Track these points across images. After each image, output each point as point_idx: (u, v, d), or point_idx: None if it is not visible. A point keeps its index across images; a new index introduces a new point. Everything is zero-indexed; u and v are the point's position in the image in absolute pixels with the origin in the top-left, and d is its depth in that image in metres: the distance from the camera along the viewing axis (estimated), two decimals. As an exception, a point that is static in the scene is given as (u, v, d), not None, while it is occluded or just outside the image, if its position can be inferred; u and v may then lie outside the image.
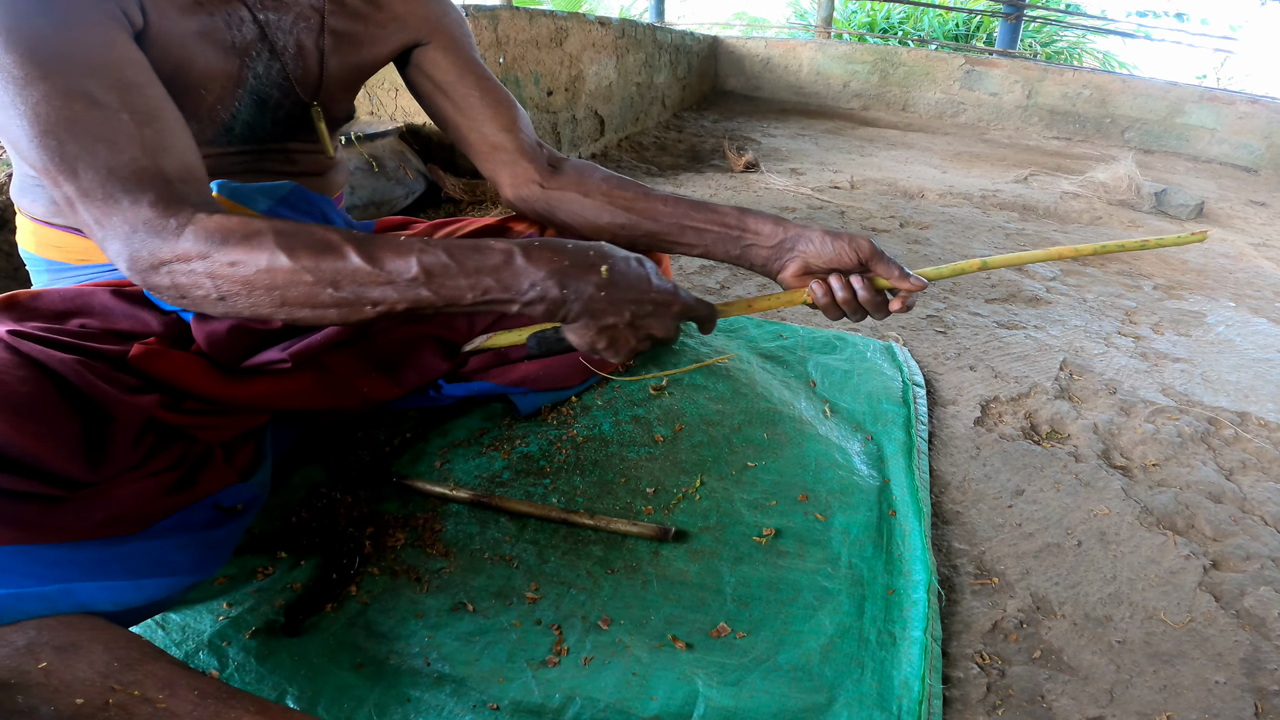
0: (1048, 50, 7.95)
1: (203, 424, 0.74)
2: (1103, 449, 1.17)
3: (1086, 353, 1.48)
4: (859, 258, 0.78)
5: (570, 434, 1.04)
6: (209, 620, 0.72)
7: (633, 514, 0.92)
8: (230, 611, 0.73)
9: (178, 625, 0.72)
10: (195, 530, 0.66)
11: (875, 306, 0.78)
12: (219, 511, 0.70)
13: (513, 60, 2.54)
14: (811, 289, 0.80)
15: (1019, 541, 0.95)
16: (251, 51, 0.74)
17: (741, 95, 5.29)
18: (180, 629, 0.72)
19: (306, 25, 0.78)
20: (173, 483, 0.66)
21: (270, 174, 0.83)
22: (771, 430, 1.06)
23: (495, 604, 0.78)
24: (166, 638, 0.70)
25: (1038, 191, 2.94)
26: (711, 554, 0.86)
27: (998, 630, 0.80)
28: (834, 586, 0.82)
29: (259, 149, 0.81)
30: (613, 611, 0.78)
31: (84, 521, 0.57)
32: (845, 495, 0.97)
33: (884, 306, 0.79)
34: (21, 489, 0.55)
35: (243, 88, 0.75)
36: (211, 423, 0.75)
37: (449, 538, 0.86)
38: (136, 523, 0.61)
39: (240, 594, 0.76)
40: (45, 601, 0.54)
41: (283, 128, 0.82)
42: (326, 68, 0.81)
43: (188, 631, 0.72)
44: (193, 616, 0.73)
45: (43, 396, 0.60)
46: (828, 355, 1.29)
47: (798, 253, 0.83)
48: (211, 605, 0.74)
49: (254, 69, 0.75)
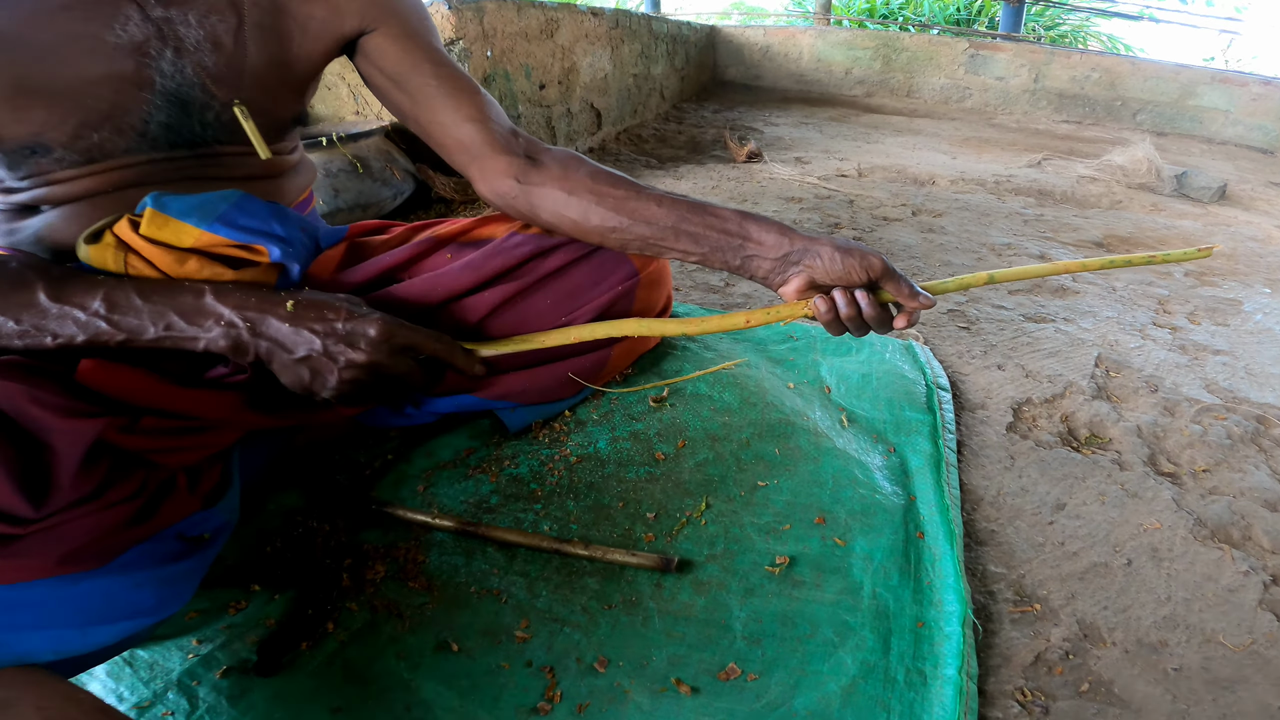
0: (1051, 34, 7.82)
1: (162, 446, 0.68)
2: (1148, 454, 1.07)
3: (1122, 347, 1.38)
4: (869, 276, 0.74)
5: (563, 453, 0.95)
6: (178, 658, 0.68)
7: (632, 542, 0.84)
8: (201, 649, 0.69)
9: (146, 663, 0.68)
10: (157, 564, 0.61)
11: (880, 322, 0.75)
12: (184, 542, 0.65)
13: (501, 53, 2.46)
14: (814, 304, 0.75)
15: (1062, 562, 0.86)
16: (149, 51, 0.69)
17: (741, 85, 5.20)
18: (149, 666, 0.68)
19: (221, 18, 0.73)
20: (132, 514, 0.61)
21: (214, 180, 0.78)
22: (784, 445, 0.97)
23: (482, 643, 0.71)
24: (134, 676, 0.66)
25: (1053, 176, 2.83)
26: (719, 586, 0.78)
27: (1041, 662, 0.73)
28: (856, 620, 0.74)
29: (195, 154, 0.77)
30: (610, 651, 0.71)
31: (36, 559, 0.53)
32: (867, 516, 0.87)
33: (889, 322, 0.75)
34: None
35: (150, 90, 0.70)
36: (172, 444, 0.69)
37: (432, 570, 0.79)
38: (93, 558, 0.57)
39: (211, 630, 0.71)
40: None
41: (217, 130, 0.76)
42: (249, 64, 0.75)
43: (156, 670, 0.67)
44: (161, 654, 0.69)
45: None
46: (843, 357, 1.19)
47: (803, 267, 0.77)
48: (181, 641, 0.70)
49: (158, 69, 0.70)
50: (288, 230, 0.77)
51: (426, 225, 1.02)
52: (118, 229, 0.68)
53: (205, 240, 0.69)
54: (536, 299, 0.92)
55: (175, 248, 0.68)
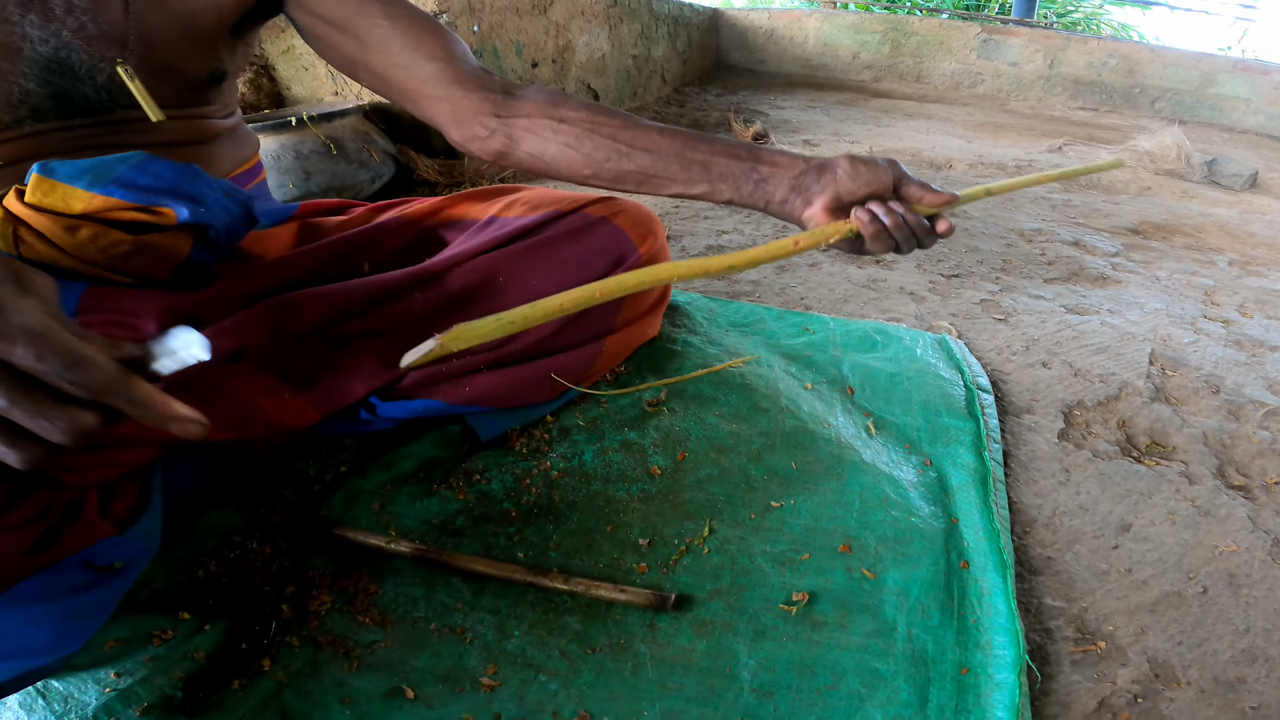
0: (1064, 20, 7.70)
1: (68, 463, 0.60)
2: (1217, 465, 0.95)
3: (1175, 342, 1.24)
4: (893, 179, 0.69)
5: (543, 466, 0.82)
6: (94, 691, 0.61)
7: (621, 574, 0.72)
8: (119, 682, 0.61)
9: (60, 695, 0.61)
10: (58, 597, 0.55)
11: (924, 231, 0.69)
12: (91, 571, 0.58)
13: (489, 29, 2.33)
14: (857, 216, 0.68)
15: (1130, 592, 0.75)
16: (9, 18, 0.63)
17: (745, 69, 5.07)
18: (63, 699, 0.61)
19: None
20: (31, 540, 0.54)
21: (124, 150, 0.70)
22: (801, 457, 0.83)
23: (442, 690, 0.62)
24: (47, 709, 0.59)
25: (1074, 161, 2.70)
26: (724, 627, 0.67)
27: (1105, 708, 0.64)
28: (888, 668, 0.64)
29: (97, 122, 0.70)
30: (593, 704, 0.61)
31: None
32: (901, 544, 0.75)
33: (932, 231, 0.70)
34: None
35: (17, 59, 0.64)
36: (80, 461, 0.61)
37: (386, 602, 0.69)
38: None
39: (133, 661, 0.63)
40: None
41: (115, 95, 0.69)
42: (137, 20, 0.68)
43: (70, 703, 0.60)
44: (77, 685, 0.62)
45: None
46: (867, 354, 1.05)
47: (825, 182, 0.69)
48: (99, 674, 0.62)
49: (24, 35, 0.64)
50: (200, 190, 0.67)
51: (390, 205, 0.93)
52: (6, 201, 0.62)
53: (98, 204, 0.62)
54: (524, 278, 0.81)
55: (65, 215, 0.62)
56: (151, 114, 0.70)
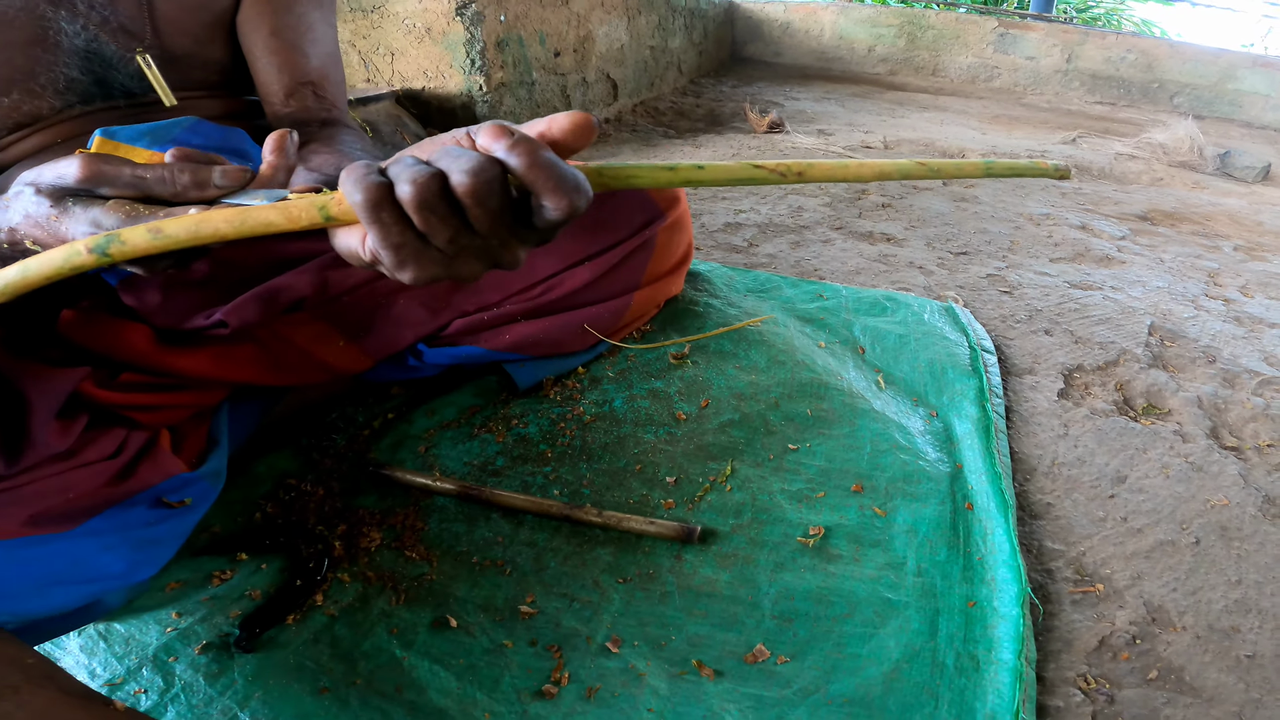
0: (1084, 15, 7.63)
1: (143, 402, 0.65)
2: (1210, 426, 0.99)
3: (1175, 316, 1.28)
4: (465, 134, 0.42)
5: (576, 412, 0.88)
6: (155, 632, 0.63)
7: (649, 509, 0.77)
8: (179, 622, 0.64)
9: (121, 637, 0.64)
10: (132, 528, 0.58)
11: (507, 207, 0.37)
12: (162, 507, 0.61)
13: (515, 19, 2.38)
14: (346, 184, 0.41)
15: (1126, 539, 0.79)
16: (43, 13, 0.66)
17: (760, 62, 5.08)
18: (124, 641, 0.63)
19: None
20: (110, 474, 0.58)
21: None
22: (816, 405, 0.89)
23: (483, 619, 0.65)
24: (108, 651, 0.62)
25: (1089, 153, 2.72)
26: (745, 559, 0.71)
27: (1105, 647, 0.67)
28: (900, 599, 0.68)
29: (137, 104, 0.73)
30: (624, 630, 0.65)
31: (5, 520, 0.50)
32: (909, 484, 0.80)
33: (529, 213, 0.37)
34: None
35: (55, 51, 0.67)
36: (153, 401, 0.66)
37: (431, 537, 0.73)
38: (64, 519, 0.53)
39: (192, 602, 0.66)
40: None
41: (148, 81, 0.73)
42: (158, 10, 0.72)
43: (131, 645, 0.63)
44: (138, 627, 0.64)
45: None
46: (877, 318, 1.10)
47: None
48: (160, 614, 0.65)
49: (59, 28, 0.67)
50: (245, 149, 0.73)
51: None
52: None
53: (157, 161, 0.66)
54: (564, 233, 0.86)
55: None
56: (165, 99, 0.74)
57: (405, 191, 0.34)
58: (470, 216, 0.35)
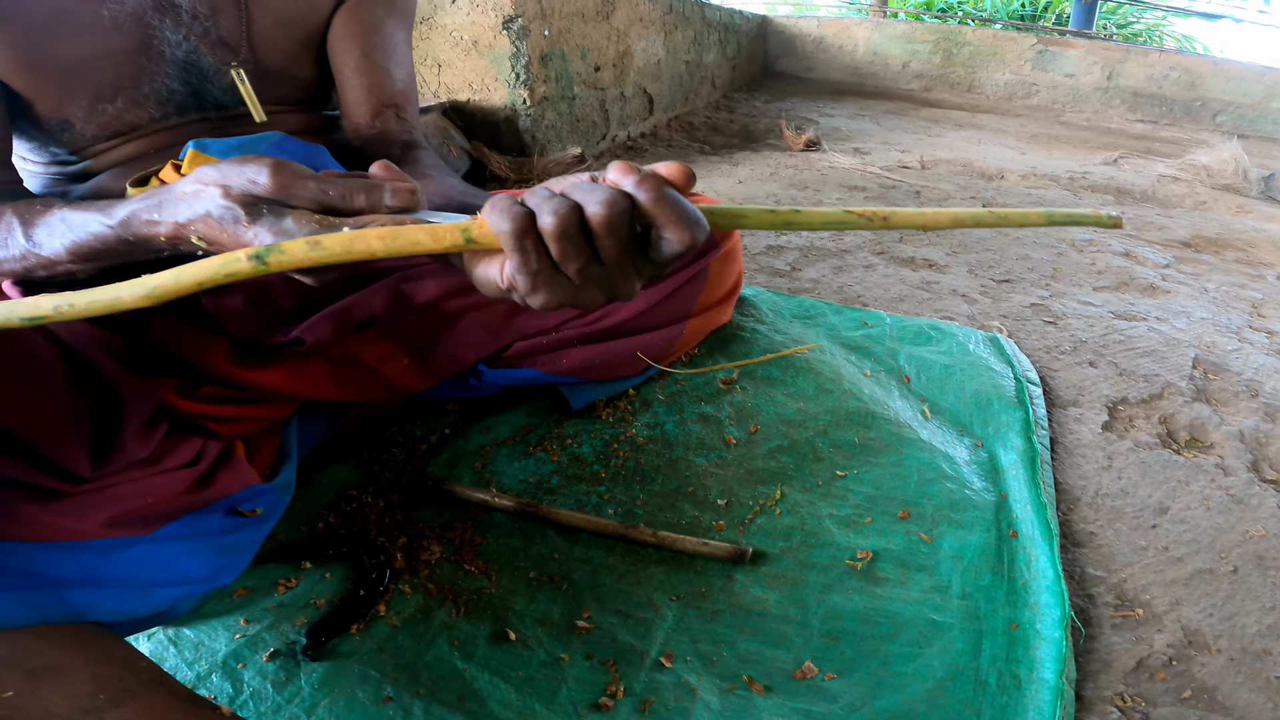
0: (1124, 32, 7.54)
1: (221, 414, 0.68)
2: (1251, 460, 1.00)
3: (1219, 349, 1.28)
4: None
5: (628, 434, 0.91)
6: (224, 638, 0.66)
7: (700, 530, 0.79)
8: (248, 629, 0.66)
9: (191, 642, 0.66)
10: (210, 535, 0.60)
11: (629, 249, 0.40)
12: (236, 516, 0.63)
13: (558, 33, 2.42)
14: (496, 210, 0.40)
15: (1166, 567, 0.81)
16: (150, 21, 0.68)
17: (792, 76, 5.09)
18: (194, 647, 0.65)
19: None
20: (190, 481, 0.60)
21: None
22: (863, 434, 0.91)
23: (541, 633, 0.67)
24: (179, 656, 0.64)
25: (1131, 174, 2.69)
26: (794, 580, 0.73)
27: (1143, 668, 0.69)
28: (944, 620, 0.69)
29: (227, 116, 0.75)
30: (677, 646, 0.67)
31: (85, 521, 0.51)
32: (955, 512, 0.82)
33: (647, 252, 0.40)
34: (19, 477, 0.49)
35: (159, 60, 0.69)
36: (230, 413, 0.69)
37: (489, 552, 0.76)
38: (144, 523, 0.55)
39: (259, 609, 0.69)
40: (31, 608, 0.46)
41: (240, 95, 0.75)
42: (255, 26, 0.73)
43: (201, 650, 0.65)
44: (208, 633, 0.66)
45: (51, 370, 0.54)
46: (922, 347, 1.12)
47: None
48: (229, 620, 0.67)
49: (164, 38, 0.69)
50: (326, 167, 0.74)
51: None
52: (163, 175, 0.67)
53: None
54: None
55: None
56: (256, 115, 0.76)
57: (548, 222, 0.37)
58: (600, 246, 0.38)
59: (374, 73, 0.80)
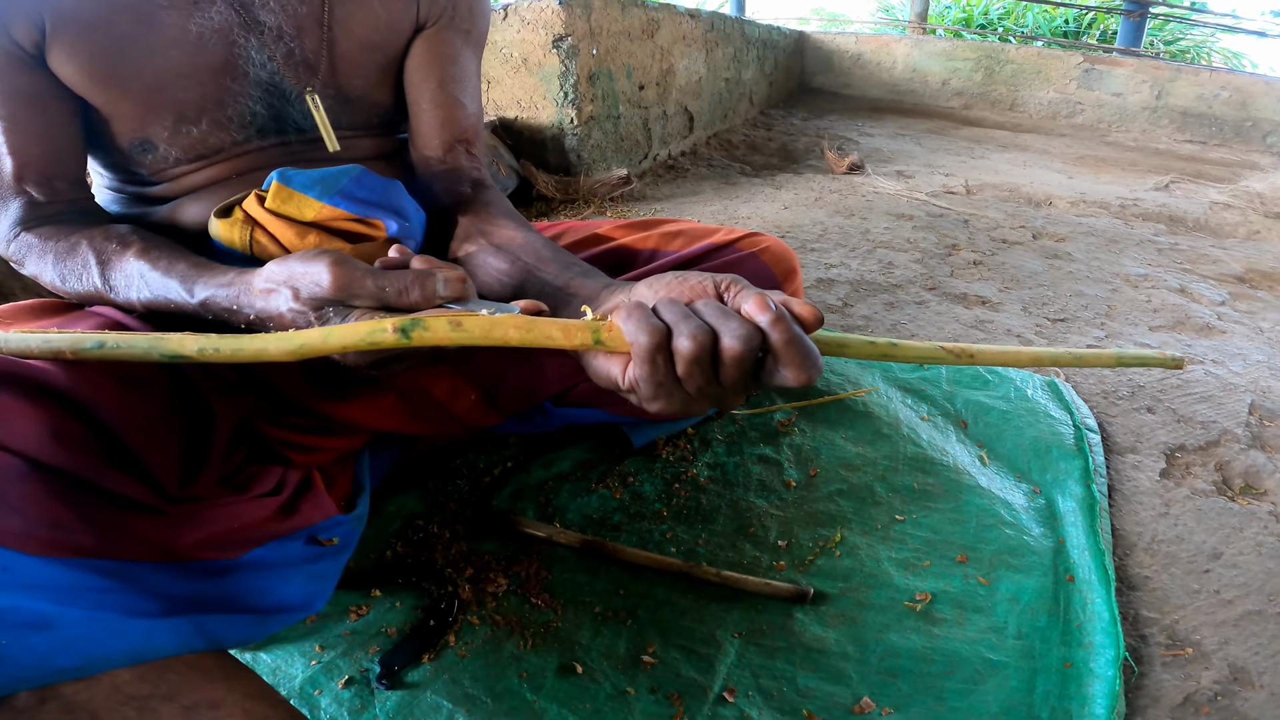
0: (1171, 49, 7.39)
1: (302, 442, 0.68)
2: (1308, 509, 0.99)
3: (1275, 394, 1.27)
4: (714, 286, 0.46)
5: (690, 473, 0.93)
6: (301, 664, 0.68)
7: (761, 570, 0.81)
8: (323, 655, 0.69)
9: (269, 667, 0.68)
10: (295, 563, 0.60)
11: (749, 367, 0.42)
12: (314, 546, 0.63)
13: (605, 52, 2.45)
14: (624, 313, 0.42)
15: (1217, 609, 0.82)
16: (235, 40, 0.66)
17: (829, 92, 5.07)
18: (271, 671, 0.68)
19: (302, 2, 0.69)
20: (275, 509, 0.60)
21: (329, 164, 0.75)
22: (922, 479, 0.92)
23: (606, 666, 0.69)
24: None
25: (1183, 201, 2.64)
26: (853, 619, 0.75)
27: (1189, 703, 0.71)
28: (1000, 659, 0.71)
29: (307, 139, 0.74)
30: (739, 681, 0.69)
31: (180, 540, 0.50)
32: (1013, 557, 0.83)
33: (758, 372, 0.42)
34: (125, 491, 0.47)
35: (243, 81, 0.68)
36: (310, 442, 0.70)
37: (555, 586, 0.78)
38: (233, 547, 0.54)
39: (333, 635, 0.71)
40: (179, 635, 0.45)
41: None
42: (338, 49, 0.72)
43: (279, 675, 0.67)
44: (284, 658, 0.69)
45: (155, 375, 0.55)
46: (979, 391, 1.13)
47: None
48: (304, 646, 0.70)
49: (248, 58, 0.68)
50: (403, 205, 0.74)
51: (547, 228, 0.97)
52: (246, 205, 0.68)
53: (326, 214, 0.68)
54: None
55: (298, 221, 0.67)
56: (329, 144, 0.73)
57: (684, 345, 0.39)
58: (724, 373, 0.40)
59: (449, 105, 0.79)
